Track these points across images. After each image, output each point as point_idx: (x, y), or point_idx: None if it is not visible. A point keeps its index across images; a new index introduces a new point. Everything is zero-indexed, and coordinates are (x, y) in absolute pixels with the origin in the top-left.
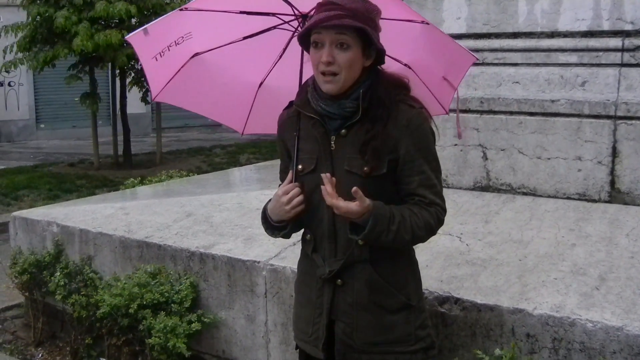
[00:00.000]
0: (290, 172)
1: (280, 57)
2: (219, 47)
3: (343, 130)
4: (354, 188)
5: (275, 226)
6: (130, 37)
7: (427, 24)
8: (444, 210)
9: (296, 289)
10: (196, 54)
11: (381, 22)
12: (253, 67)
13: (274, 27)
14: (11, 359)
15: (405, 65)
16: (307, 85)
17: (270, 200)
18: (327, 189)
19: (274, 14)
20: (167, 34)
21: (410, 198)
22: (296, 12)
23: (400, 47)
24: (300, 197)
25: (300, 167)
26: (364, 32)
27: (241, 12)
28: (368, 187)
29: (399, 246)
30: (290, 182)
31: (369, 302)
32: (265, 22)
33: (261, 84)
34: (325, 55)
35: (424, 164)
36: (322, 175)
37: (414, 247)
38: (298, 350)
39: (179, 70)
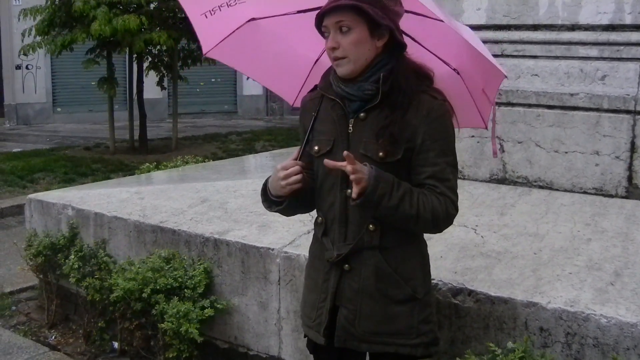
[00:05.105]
0: (298, 149)
1: None
2: (275, 16)
3: (362, 114)
4: (345, 152)
5: (272, 200)
6: None
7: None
8: (456, 208)
9: (306, 273)
10: (252, 19)
11: (425, 20)
12: (308, 42)
13: None
14: (25, 340)
15: (454, 70)
16: (331, 68)
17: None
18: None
19: None
20: None
21: (420, 188)
22: None
23: (446, 49)
24: (298, 176)
25: (316, 148)
26: (365, 12)
27: None
28: None
29: (403, 224)
30: (295, 159)
31: (375, 289)
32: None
33: (317, 60)
34: (329, 41)
35: (439, 157)
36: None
37: (425, 240)
38: (306, 338)
39: (234, 31)
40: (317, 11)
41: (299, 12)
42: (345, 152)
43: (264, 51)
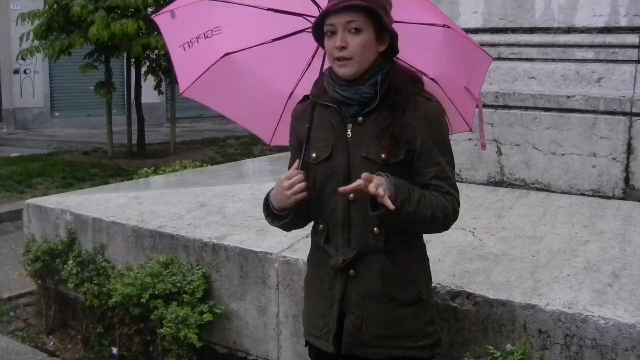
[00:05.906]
0: (297, 160)
1: (309, 65)
2: (249, 47)
3: (360, 118)
4: (364, 174)
5: (275, 214)
6: (157, 17)
7: (448, 27)
8: (459, 204)
9: (306, 283)
10: (227, 54)
11: (403, 26)
12: (283, 73)
13: (303, 30)
14: (23, 346)
15: (432, 79)
16: (323, 76)
17: (273, 187)
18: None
19: (301, 15)
20: (196, 23)
21: (426, 188)
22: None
23: (424, 56)
24: (303, 184)
25: (314, 155)
26: (374, 15)
27: (269, 9)
28: None
29: (419, 226)
30: (297, 169)
31: (381, 293)
32: (294, 23)
33: (291, 94)
34: (339, 40)
35: (439, 156)
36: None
37: (424, 242)
38: (308, 347)
39: (209, 68)
40: (293, 36)
41: (274, 40)
42: (364, 175)
43: (238, 88)
